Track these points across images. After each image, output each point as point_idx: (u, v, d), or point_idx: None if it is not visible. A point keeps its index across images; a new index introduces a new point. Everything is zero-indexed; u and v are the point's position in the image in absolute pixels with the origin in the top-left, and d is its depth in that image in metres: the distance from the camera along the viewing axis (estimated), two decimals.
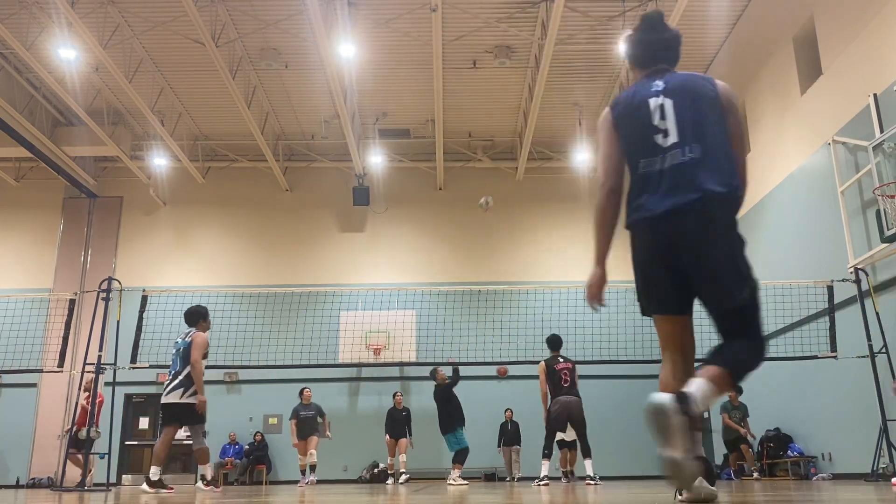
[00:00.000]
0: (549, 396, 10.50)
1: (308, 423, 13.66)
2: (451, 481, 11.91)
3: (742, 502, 4.06)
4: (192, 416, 7.84)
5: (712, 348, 3.06)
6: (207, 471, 8.38)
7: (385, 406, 17.98)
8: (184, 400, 7.79)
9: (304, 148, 20.06)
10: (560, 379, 10.49)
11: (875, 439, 9.86)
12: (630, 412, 16.82)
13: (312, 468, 13.55)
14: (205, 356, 8.20)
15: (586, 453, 10.46)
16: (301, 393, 14.09)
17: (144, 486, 7.73)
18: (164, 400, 7.91)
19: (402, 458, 14.43)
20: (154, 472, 7.73)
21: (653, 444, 2.81)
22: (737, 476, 13.86)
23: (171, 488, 8.09)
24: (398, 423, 14.60)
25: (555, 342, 10.90)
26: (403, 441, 14.52)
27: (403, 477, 14.26)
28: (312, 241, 19.81)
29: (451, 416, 12.31)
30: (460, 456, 12.19)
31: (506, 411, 16.90)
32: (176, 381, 7.89)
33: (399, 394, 15.17)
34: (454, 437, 12.30)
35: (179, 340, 8.27)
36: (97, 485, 11.85)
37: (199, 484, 8.37)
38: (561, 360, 10.71)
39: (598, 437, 12.59)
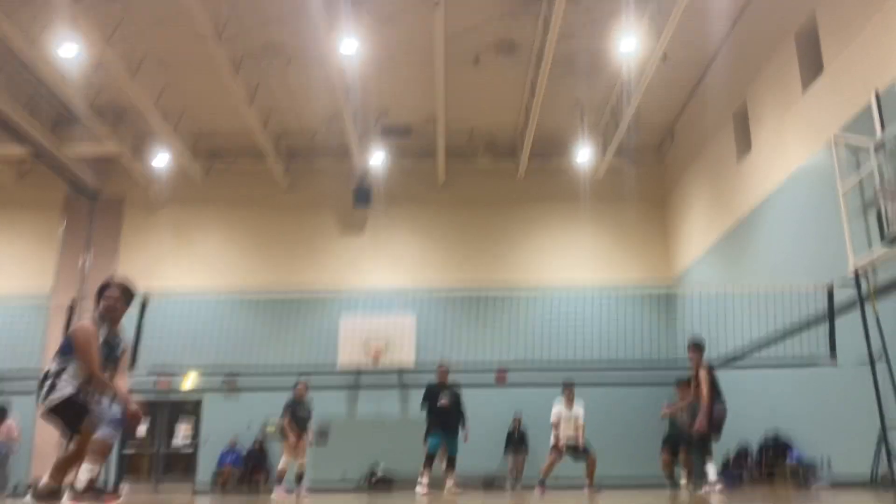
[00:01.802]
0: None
1: (301, 423, 12.31)
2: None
3: None
4: (73, 411, 5.62)
5: None
6: (92, 473, 5.52)
7: (385, 412, 17.85)
8: (49, 401, 5.62)
9: (305, 147, 19.96)
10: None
11: (874, 446, 9.67)
12: (632, 416, 16.57)
13: (301, 477, 12.32)
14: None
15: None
16: (295, 387, 12.70)
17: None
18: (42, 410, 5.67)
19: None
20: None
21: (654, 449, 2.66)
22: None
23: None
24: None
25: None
26: None
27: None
28: (313, 242, 19.72)
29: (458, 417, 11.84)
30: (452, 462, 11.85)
31: (514, 419, 16.84)
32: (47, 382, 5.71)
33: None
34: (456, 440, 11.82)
35: None
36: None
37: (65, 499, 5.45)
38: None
39: (598, 440, 12.45)
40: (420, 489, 11.18)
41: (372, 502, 6.85)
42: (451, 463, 11.77)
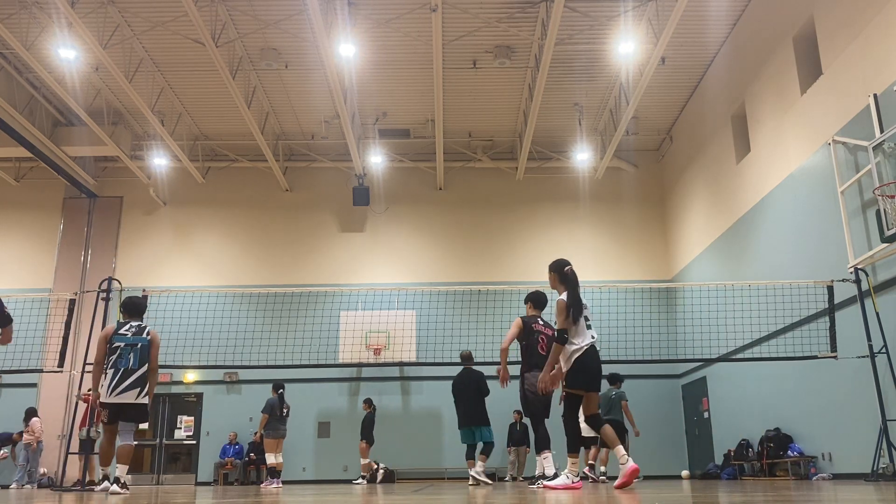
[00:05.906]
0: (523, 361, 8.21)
1: (285, 421, 12.87)
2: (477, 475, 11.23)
3: (744, 502, 4.06)
4: (145, 414, 7.45)
5: None
6: (124, 472, 7.30)
7: (386, 406, 18.01)
8: (139, 400, 7.32)
9: (304, 148, 20.07)
10: (537, 343, 8.13)
11: (875, 439, 9.86)
12: (636, 411, 16.83)
13: (277, 472, 12.75)
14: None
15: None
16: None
17: (115, 488, 7.14)
18: (116, 399, 7.24)
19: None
20: (106, 473, 7.35)
21: (652, 443, 2.80)
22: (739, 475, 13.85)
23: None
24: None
25: (539, 300, 8.49)
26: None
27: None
28: (312, 241, 19.82)
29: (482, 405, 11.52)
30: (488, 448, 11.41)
31: (515, 412, 16.98)
32: (131, 380, 7.30)
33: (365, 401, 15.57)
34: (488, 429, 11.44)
35: (129, 335, 7.50)
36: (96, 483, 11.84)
37: (115, 486, 7.15)
38: (541, 322, 8.32)
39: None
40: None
41: (373, 493, 6.93)
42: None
